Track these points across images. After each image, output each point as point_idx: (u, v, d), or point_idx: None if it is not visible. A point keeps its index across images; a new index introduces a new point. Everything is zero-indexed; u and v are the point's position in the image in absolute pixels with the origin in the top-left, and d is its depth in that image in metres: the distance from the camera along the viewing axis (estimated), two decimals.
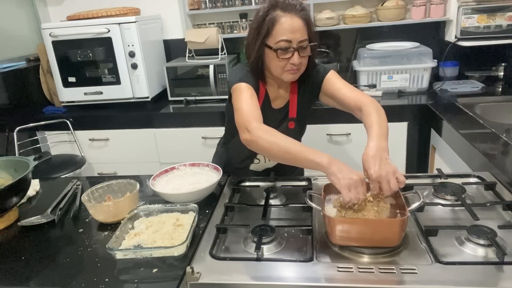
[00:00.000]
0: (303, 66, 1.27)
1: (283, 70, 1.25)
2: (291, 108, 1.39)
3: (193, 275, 0.90)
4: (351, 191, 0.96)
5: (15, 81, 2.49)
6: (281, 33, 1.19)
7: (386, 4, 2.45)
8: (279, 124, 1.38)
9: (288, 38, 1.19)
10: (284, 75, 1.27)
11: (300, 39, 1.20)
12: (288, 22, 1.18)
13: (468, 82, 2.40)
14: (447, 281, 0.85)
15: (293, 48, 1.20)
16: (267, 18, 1.20)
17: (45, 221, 1.21)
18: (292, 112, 1.39)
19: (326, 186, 1.08)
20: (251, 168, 1.52)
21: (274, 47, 1.21)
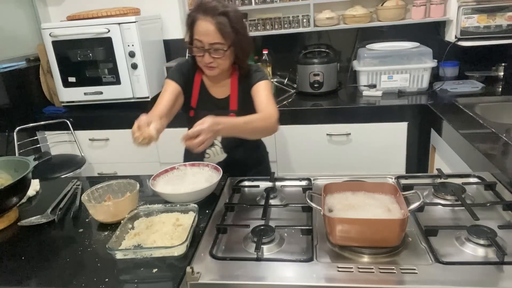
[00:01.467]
0: (220, 65, 1.38)
1: (201, 64, 1.40)
2: (231, 101, 1.49)
3: (193, 275, 0.90)
4: None
5: (15, 81, 2.49)
6: (195, 34, 1.34)
7: (386, 4, 2.45)
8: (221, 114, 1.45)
9: (200, 39, 1.33)
10: (204, 69, 1.42)
11: (211, 42, 1.32)
12: (201, 24, 1.32)
13: (468, 82, 2.41)
14: (447, 281, 0.85)
15: (205, 49, 1.33)
16: (190, 18, 1.35)
17: (45, 221, 1.21)
18: (232, 105, 1.49)
19: (326, 186, 1.08)
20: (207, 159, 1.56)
21: (192, 44, 1.36)
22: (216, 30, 1.30)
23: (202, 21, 1.31)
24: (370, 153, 2.29)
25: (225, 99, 1.50)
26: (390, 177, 1.32)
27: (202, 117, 1.38)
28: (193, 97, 1.50)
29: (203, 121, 1.16)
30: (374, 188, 1.09)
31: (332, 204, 1.06)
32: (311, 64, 2.41)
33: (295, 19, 2.58)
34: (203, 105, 1.50)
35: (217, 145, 1.54)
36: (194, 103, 1.50)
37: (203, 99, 1.49)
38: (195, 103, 1.50)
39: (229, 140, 1.52)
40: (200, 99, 1.50)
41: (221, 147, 1.55)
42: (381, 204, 1.04)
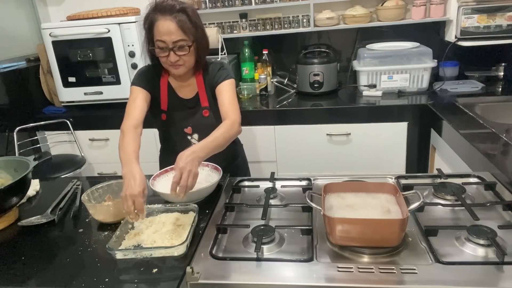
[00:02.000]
0: (186, 62, 1.38)
1: (167, 65, 1.39)
2: (201, 98, 1.50)
3: (193, 275, 0.90)
4: None
5: (15, 81, 2.49)
6: (157, 35, 1.33)
7: (386, 4, 2.45)
8: (193, 112, 1.50)
9: (162, 39, 1.32)
10: (170, 69, 1.41)
11: (174, 40, 1.32)
12: (161, 24, 1.31)
13: (468, 82, 2.41)
14: (447, 281, 0.85)
15: (169, 48, 1.33)
16: (148, 21, 1.34)
17: (45, 221, 1.21)
18: (203, 101, 1.50)
19: (326, 186, 1.08)
20: None
21: (154, 47, 1.35)
22: (178, 28, 1.30)
23: (161, 21, 1.31)
24: (370, 153, 2.29)
25: (195, 98, 1.51)
26: (390, 177, 1.32)
27: (175, 118, 1.48)
28: (162, 101, 1.49)
29: (177, 161, 1.13)
30: (374, 188, 1.09)
31: (332, 204, 1.06)
32: (311, 64, 2.41)
33: (295, 19, 2.58)
34: (174, 107, 1.50)
35: (194, 143, 1.53)
36: (165, 106, 1.50)
37: (172, 101, 1.49)
38: (166, 106, 1.50)
39: (201, 135, 1.51)
40: (170, 102, 1.50)
41: None
42: (381, 204, 1.05)
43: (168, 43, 1.32)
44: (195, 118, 1.50)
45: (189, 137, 1.53)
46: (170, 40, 1.31)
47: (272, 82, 2.63)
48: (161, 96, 1.49)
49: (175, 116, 1.50)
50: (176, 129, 1.52)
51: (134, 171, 1.12)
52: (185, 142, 1.53)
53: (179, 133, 1.52)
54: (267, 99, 2.55)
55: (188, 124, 1.51)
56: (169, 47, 1.33)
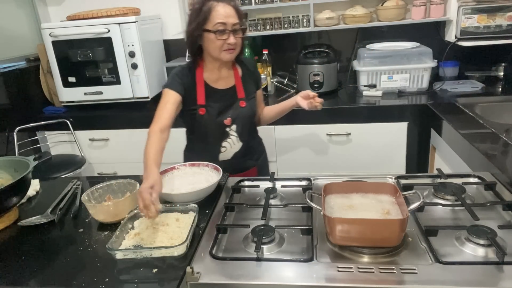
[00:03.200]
0: (238, 46, 1.48)
1: (220, 50, 1.45)
2: (238, 90, 1.57)
3: (193, 275, 0.90)
4: None
5: (15, 81, 2.49)
6: (217, 18, 1.40)
7: (386, 4, 2.45)
8: (231, 104, 1.55)
9: (223, 21, 1.40)
10: (222, 55, 1.46)
11: (233, 23, 1.42)
12: (222, 9, 1.41)
13: (468, 82, 2.41)
14: (447, 281, 0.85)
15: (229, 30, 1.42)
16: (204, 8, 1.41)
17: (45, 221, 1.21)
18: (240, 93, 1.57)
19: (326, 186, 1.08)
20: (220, 158, 1.59)
21: (212, 29, 1.41)
22: (235, 12, 1.43)
23: (220, 6, 1.41)
24: (370, 153, 2.29)
25: (231, 89, 1.56)
26: (390, 177, 1.32)
27: (215, 111, 1.52)
28: (199, 95, 1.51)
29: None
30: (374, 188, 1.09)
31: (332, 204, 1.06)
32: (311, 64, 2.41)
33: (295, 19, 2.58)
34: (211, 100, 1.53)
35: (233, 135, 1.57)
36: (202, 100, 1.52)
37: (210, 95, 1.52)
38: (203, 100, 1.52)
39: (244, 127, 1.58)
40: (207, 95, 1.52)
41: (237, 136, 1.58)
42: (381, 204, 1.05)
43: (228, 25, 1.41)
44: (233, 109, 1.55)
45: (227, 128, 1.55)
46: (230, 22, 1.41)
47: (272, 82, 2.63)
48: (197, 91, 1.51)
49: (214, 109, 1.52)
50: (216, 121, 1.53)
51: (148, 172, 1.19)
52: (224, 134, 1.56)
53: (219, 126, 1.54)
54: (267, 99, 2.55)
55: (227, 115, 1.54)
56: (228, 29, 1.41)
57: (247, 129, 1.60)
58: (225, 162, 1.57)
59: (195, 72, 1.53)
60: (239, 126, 1.56)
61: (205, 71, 1.54)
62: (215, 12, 1.40)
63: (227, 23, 1.40)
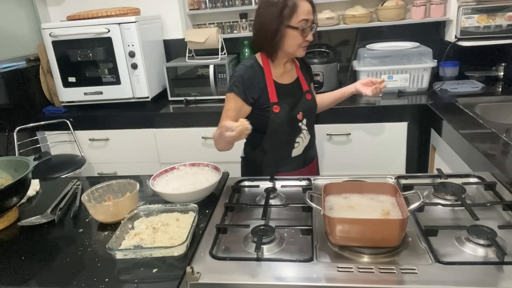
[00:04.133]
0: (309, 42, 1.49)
1: (298, 47, 1.44)
2: (302, 83, 1.58)
3: (193, 275, 0.90)
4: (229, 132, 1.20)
5: (15, 81, 2.49)
6: (302, 14, 1.39)
7: (386, 4, 2.45)
8: (299, 98, 1.55)
9: (307, 18, 1.40)
10: (299, 51, 1.46)
11: (313, 19, 1.43)
12: (305, 6, 1.40)
13: (468, 82, 2.41)
14: (447, 281, 0.85)
15: (309, 27, 1.42)
16: (289, 3, 1.38)
17: (45, 221, 1.21)
18: (304, 86, 1.58)
19: (326, 186, 1.08)
20: (293, 154, 1.58)
21: (297, 26, 1.40)
22: (313, 9, 1.43)
23: (303, 3, 1.39)
24: (370, 153, 2.29)
25: (295, 84, 1.56)
26: (390, 177, 1.32)
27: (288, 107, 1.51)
28: (270, 93, 1.48)
29: None
30: (374, 188, 1.09)
31: (332, 204, 1.06)
32: (311, 64, 2.38)
33: None
34: (282, 96, 1.50)
35: (304, 129, 1.56)
36: (274, 98, 1.49)
37: (280, 91, 1.50)
38: (276, 98, 1.49)
39: (311, 120, 1.59)
40: (278, 92, 1.50)
41: (307, 129, 1.58)
42: (381, 204, 1.05)
43: (309, 22, 1.41)
44: (301, 103, 1.54)
45: (299, 123, 1.54)
46: (311, 19, 1.42)
47: None
48: (269, 90, 1.48)
49: (287, 105, 1.50)
50: (290, 117, 1.51)
51: None
52: (297, 129, 1.55)
53: (293, 121, 1.52)
54: None
55: (298, 110, 1.53)
56: (309, 26, 1.42)
57: (313, 122, 1.62)
58: (296, 158, 1.58)
59: (263, 70, 1.50)
60: (308, 119, 1.56)
61: (272, 67, 1.51)
62: (300, 8, 1.38)
63: (309, 19, 1.40)
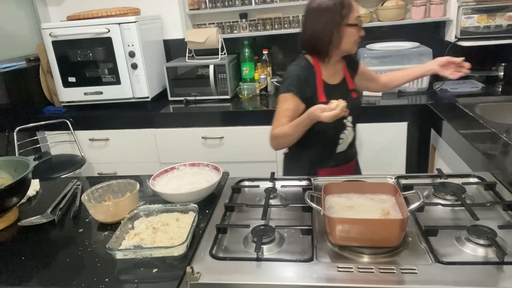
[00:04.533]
0: None
1: (354, 43, 1.50)
2: (348, 81, 1.61)
3: (193, 275, 0.90)
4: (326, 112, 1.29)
5: (15, 81, 2.49)
6: (356, 12, 1.46)
7: (386, 4, 2.45)
8: (345, 96, 1.54)
9: (359, 15, 1.48)
10: (353, 48, 1.51)
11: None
12: (355, 3, 1.47)
13: (468, 82, 2.40)
14: (447, 281, 0.85)
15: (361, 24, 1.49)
16: (345, 3, 1.43)
17: (45, 221, 1.21)
18: (350, 84, 1.61)
19: (326, 186, 1.08)
20: (338, 150, 1.61)
21: (356, 22, 1.46)
22: None
23: (354, 2, 1.46)
24: (370, 153, 2.29)
25: (342, 82, 1.59)
26: (390, 177, 1.32)
27: None
28: (319, 93, 1.51)
29: None
30: (374, 188, 1.09)
31: (332, 204, 1.06)
32: None
33: (295, 19, 2.58)
34: (330, 95, 1.50)
35: (349, 126, 1.58)
36: (323, 97, 1.51)
37: (328, 91, 1.53)
38: (325, 98, 1.51)
39: (356, 117, 1.61)
40: (326, 92, 1.52)
41: (352, 126, 1.60)
42: (381, 204, 1.05)
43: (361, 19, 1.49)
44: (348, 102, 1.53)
45: (345, 120, 1.57)
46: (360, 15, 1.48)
47: (272, 82, 2.63)
48: (318, 90, 1.51)
49: None
50: None
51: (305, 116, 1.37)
52: (342, 126, 1.58)
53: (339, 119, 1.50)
54: (267, 99, 2.55)
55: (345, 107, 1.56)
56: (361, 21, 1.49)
57: (358, 119, 1.64)
58: (340, 154, 1.62)
59: (315, 71, 1.53)
60: (354, 117, 1.59)
61: (323, 68, 1.54)
62: (354, 6, 1.44)
63: (360, 16, 1.48)
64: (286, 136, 1.45)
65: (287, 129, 1.43)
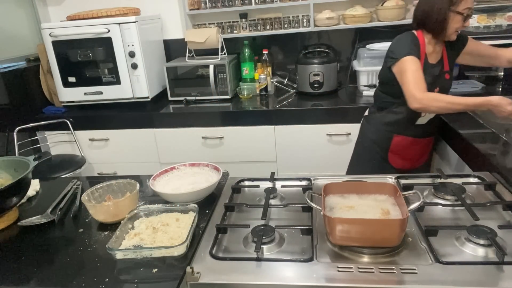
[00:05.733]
0: None
1: (455, 31, 1.59)
2: (445, 63, 1.69)
3: (193, 275, 0.90)
4: None
5: (15, 81, 2.49)
6: (468, 3, 1.55)
7: (386, 4, 2.45)
8: (439, 76, 1.67)
9: (471, 6, 1.56)
10: (453, 35, 1.61)
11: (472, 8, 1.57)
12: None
13: (468, 82, 2.40)
14: (447, 281, 0.85)
15: (469, 15, 1.57)
16: None
17: (45, 221, 1.21)
18: (446, 66, 1.70)
19: (326, 186, 1.08)
20: (418, 122, 1.73)
21: (463, 12, 1.54)
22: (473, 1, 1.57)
23: None
24: None
25: (439, 63, 1.68)
26: (390, 177, 1.32)
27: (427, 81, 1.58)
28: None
29: None
30: (374, 188, 1.09)
31: (332, 204, 1.06)
32: (311, 64, 2.41)
33: (295, 19, 2.58)
34: (426, 71, 1.61)
35: None
36: None
37: (426, 68, 1.62)
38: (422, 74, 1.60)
39: None
40: (424, 68, 1.61)
41: None
42: (381, 204, 1.05)
43: (471, 10, 1.56)
44: (440, 80, 1.67)
45: None
46: (472, 8, 1.56)
47: (272, 82, 2.63)
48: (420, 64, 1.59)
49: (427, 80, 1.59)
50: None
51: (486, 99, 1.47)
52: None
53: None
54: (267, 99, 2.55)
55: (436, 85, 1.65)
56: (470, 14, 1.57)
57: None
58: (419, 126, 1.74)
59: (420, 44, 1.62)
60: None
61: (427, 45, 1.64)
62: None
63: (471, 8, 1.55)
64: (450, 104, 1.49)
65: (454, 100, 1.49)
